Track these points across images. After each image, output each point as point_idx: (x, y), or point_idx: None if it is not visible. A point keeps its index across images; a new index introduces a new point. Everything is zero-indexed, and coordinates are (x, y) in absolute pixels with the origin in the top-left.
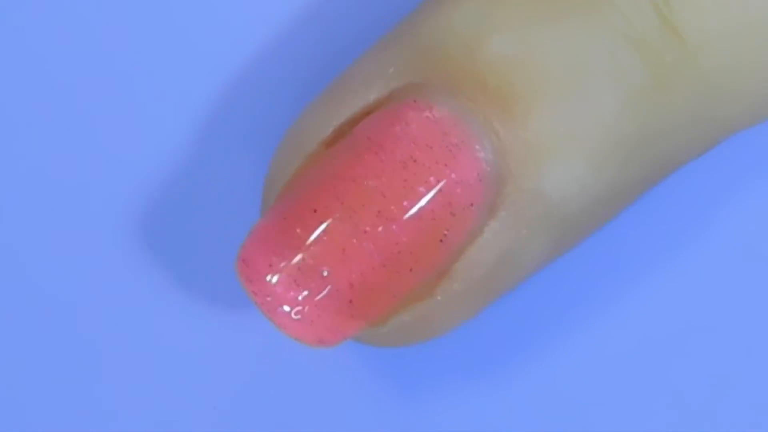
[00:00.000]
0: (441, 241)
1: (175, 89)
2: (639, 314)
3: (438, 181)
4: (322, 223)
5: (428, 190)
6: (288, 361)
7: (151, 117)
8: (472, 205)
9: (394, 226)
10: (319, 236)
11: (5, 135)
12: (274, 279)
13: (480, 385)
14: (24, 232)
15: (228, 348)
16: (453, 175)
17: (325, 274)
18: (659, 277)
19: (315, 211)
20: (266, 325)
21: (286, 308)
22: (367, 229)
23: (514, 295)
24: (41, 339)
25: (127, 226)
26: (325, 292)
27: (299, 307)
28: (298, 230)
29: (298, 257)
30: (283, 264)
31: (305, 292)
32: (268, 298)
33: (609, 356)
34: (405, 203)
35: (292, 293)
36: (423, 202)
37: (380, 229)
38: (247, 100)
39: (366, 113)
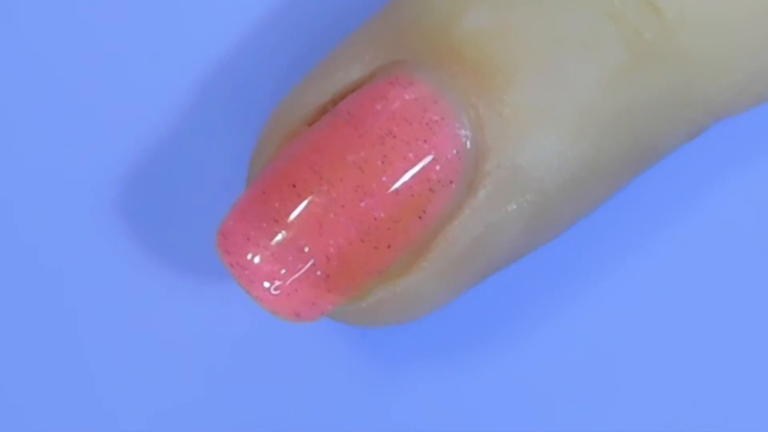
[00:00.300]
0: (420, 217)
1: (162, 68)
2: (620, 303)
3: (417, 158)
4: (300, 196)
5: (407, 166)
6: (269, 339)
7: (139, 98)
8: (451, 181)
9: (372, 201)
10: (296, 210)
11: None
12: (251, 251)
13: (459, 370)
14: (5, 205)
15: (211, 321)
16: (432, 152)
17: (304, 248)
18: (644, 267)
19: (294, 185)
20: (248, 302)
21: (263, 281)
22: (345, 203)
23: (495, 284)
24: (19, 310)
25: (114, 205)
26: (302, 266)
27: (277, 281)
28: (276, 203)
29: (276, 230)
30: (260, 237)
31: (282, 265)
32: (246, 271)
33: (588, 343)
34: (383, 178)
35: (268, 266)
36: (401, 178)
37: (358, 203)
38: (235, 80)
39: (349, 91)
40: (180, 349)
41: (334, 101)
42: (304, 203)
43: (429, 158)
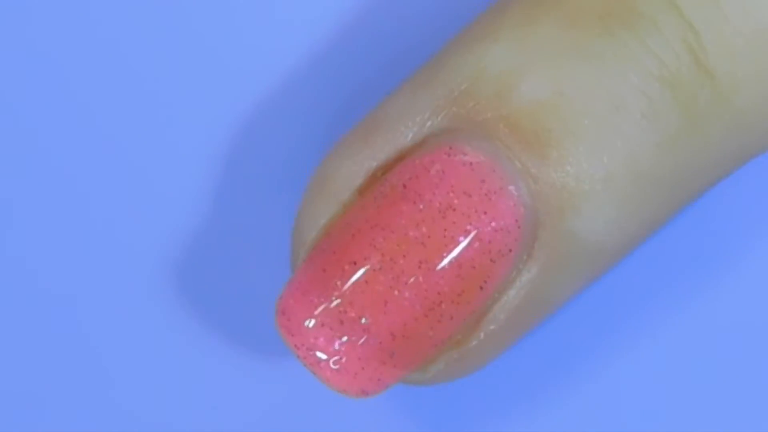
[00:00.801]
0: (481, 287)
1: (200, 123)
2: (664, 340)
3: (478, 230)
4: (362, 274)
5: (468, 239)
6: (313, 401)
7: (173, 151)
8: (510, 251)
9: (435, 276)
10: (359, 288)
11: (39, 171)
12: (315, 332)
13: (502, 417)
14: (55, 280)
15: (250, 394)
16: (493, 223)
17: (366, 324)
18: (682, 307)
19: (354, 263)
20: (284, 366)
21: (328, 359)
22: (409, 280)
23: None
24: (74, 382)
25: (145, 270)
26: (366, 344)
27: (341, 359)
28: (337, 282)
29: (339, 309)
30: (324, 317)
31: (347, 345)
32: (311, 352)
33: (638, 380)
34: (445, 253)
35: (334, 346)
36: (463, 250)
37: (421, 279)
38: (272, 133)
39: (399, 158)
40: (224, 418)
41: (385, 168)
42: (366, 280)
43: (489, 229)
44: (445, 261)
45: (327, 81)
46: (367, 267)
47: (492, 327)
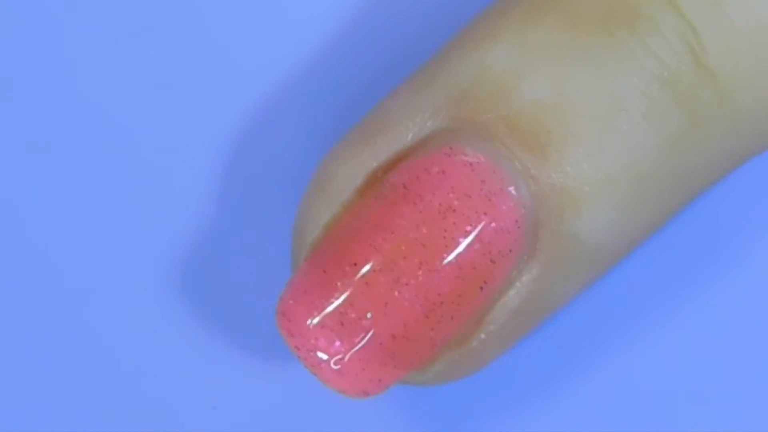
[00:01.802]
0: (481, 288)
1: (201, 124)
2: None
3: (478, 231)
4: (362, 275)
5: (468, 240)
6: (319, 401)
7: (175, 151)
8: (511, 251)
9: (435, 277)
10: (360, 290)
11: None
12: (316, 334)
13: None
14: (60, 279)
15: (252, 395)
16: (493, 224)
17: (367, 326)
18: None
19: (355, 264)
20: (286, 367)
21: (329, 360)
22: (409, 281)
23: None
24: (81, 388)
25: (147, 276)
26: (367, 345)
27: (342, 359)
28: (338, 284)
29: (340, 310)
30: (324, 318)
31: (348, 345)
32: (311, 353)
33: (633, 383)
34: (445, 254)
35: (335, 346)
36: (463, 251)
37: (422, 280)
38: (273, 133)
39: (399, 159)
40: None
41: (385, 168)
42: (367, 282)
43: (489, 230)
44: (446, 262)
45: (327, 81)
46: (368, 268)
47: (492, 327)
